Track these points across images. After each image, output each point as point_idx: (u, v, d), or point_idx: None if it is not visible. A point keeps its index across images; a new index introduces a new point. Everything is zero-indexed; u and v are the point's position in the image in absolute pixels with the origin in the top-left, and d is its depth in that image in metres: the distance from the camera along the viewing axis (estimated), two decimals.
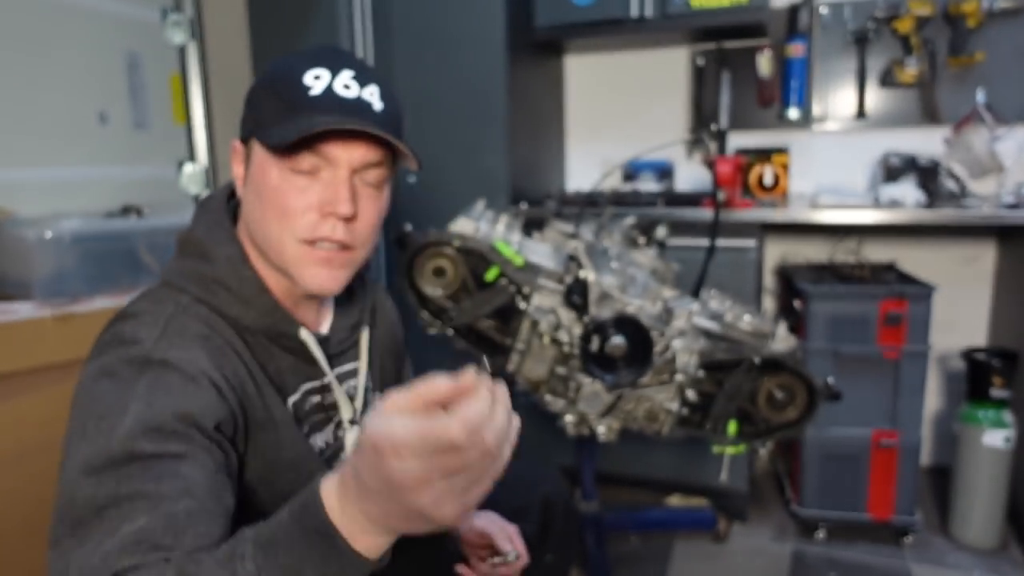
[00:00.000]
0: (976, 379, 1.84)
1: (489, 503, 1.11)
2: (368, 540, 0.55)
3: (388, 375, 1.07)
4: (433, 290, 1.31)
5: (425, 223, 1.33)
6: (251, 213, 0.82)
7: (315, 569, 0.55)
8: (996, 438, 1.81)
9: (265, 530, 0.58)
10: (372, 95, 0.80)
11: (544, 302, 1.26)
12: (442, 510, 0.50)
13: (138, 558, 0.57)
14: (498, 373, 1.32)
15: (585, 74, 2.59)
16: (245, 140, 0.83)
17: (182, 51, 2.10)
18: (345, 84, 0.78)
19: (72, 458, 0.65)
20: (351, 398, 0.93)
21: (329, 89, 0.77)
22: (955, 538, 1.94)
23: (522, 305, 1.27)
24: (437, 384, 0.50)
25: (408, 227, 1.27)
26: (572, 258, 1.26)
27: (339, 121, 0.75)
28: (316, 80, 0.77)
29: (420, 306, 1.31)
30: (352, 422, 0.92)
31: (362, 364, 0.96)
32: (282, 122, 0.76)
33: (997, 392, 1.80)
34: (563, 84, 2.61)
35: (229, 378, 0.75)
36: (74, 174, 1.83)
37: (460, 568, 1.05)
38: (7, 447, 1.40)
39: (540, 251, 1.35)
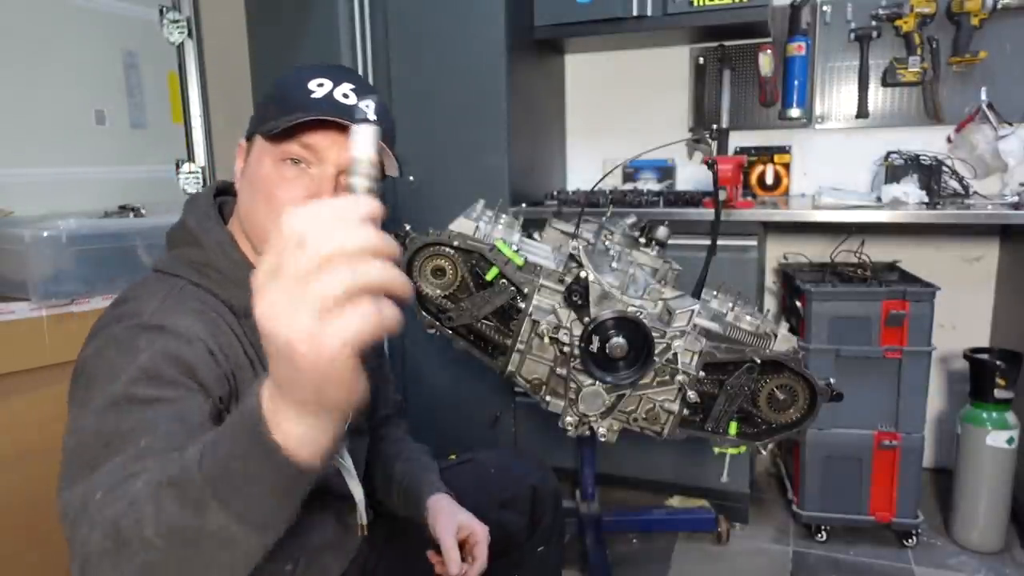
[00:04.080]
0: (979, 380, 1.83)
1: (479, 494, 1.13)
2: (289, 427, 0.48)
3: (368, 365, 1.09)
4: (433, 290, 1.30)
5: (425, 223, 1.32)
6: (243, 202, 0.88)
7: (247, 462, 0.50)
8: (999, 439, 1.80)
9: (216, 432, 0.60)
10: (368, 107, 0.85)
11: (544, 302, 1.25)
12: (317, 341, 0.41)
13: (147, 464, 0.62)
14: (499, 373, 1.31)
15: (585, 73, 2.58)
16: (249, 138, 0.90)
17: (180, 50, 2.09)
18: (344, 93, 0.85)
19: (80, 407, 0.70)
20: None
21: (329, 95, 0.84)
22: (958, 540, 1.93)
23: (522, 305, 1.26)
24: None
25: (408, 227, 1.26)
26: (572, 258, 1.25)
27: (328, 115, 0.82)
28: (319, 87, 0.84)
29: (420, 306, 1.30)
30: None
31: None
32: (280, 117, 0.83)
33: (1000, 393, 1.79)
34: (563, 83, 2.60)
35: (223, 347, 0.80)
36: (71, 174, 1.82)
37: (430, 555, 1.05)
38: (3, 447, 1.40)
39: (540, 251, 1.34)
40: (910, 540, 1.93)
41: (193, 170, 2.12)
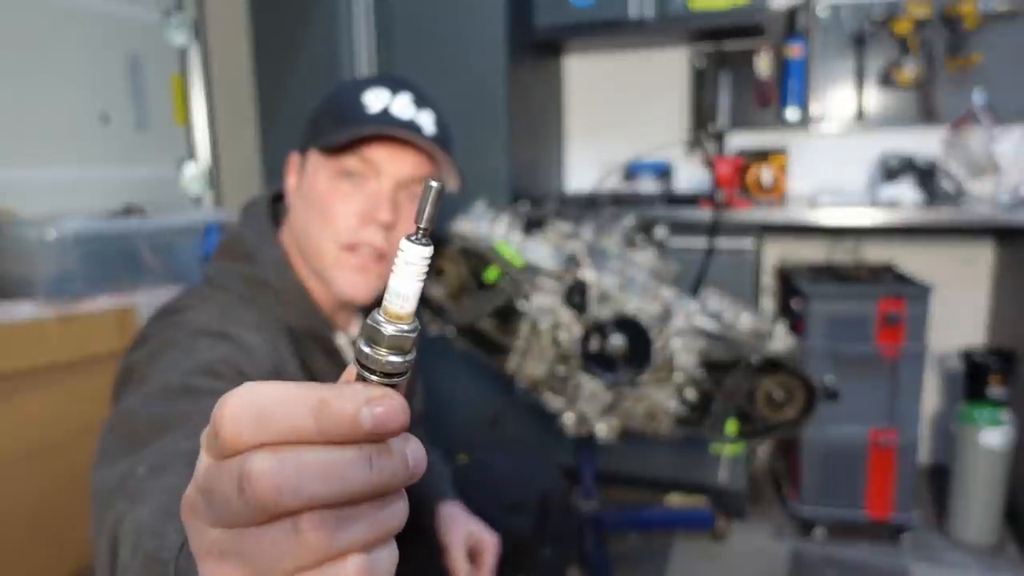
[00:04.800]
0: (974, 379, 1.85)
1: (487, 497, 1.14)
2: None
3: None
4: (433, 290, 1.32)
5: None
6: (297, 219, 0.87)
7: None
8: (993, 437, 1.82)
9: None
10: (426, 119, 0.85)
11: (544, 302, 1.27)
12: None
13: None
14: (498, 373, 1.33)
15: (585, 74, 2.60)
16: (302, 152, 0.88)
17: (183, 52, 2.11)
18: (402, 106, 0.83)
19: (131, 395, 0.66)
20: None
21: (386, 109, 0.82)
22: (953, 537, 1.95)
23: (522, 305, 1.28)
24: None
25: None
26: (572, 258, 1.27)
27: (389, 129, 0.80)
28: (375, 100, 0.83)
29: (420, 306, 1.32)
30: None
31: None
32: (336, 131, 0.82)
33: (994, 392, 1.81)
34: (563, 84, 2.62)
35: (279, 365, 0.79)
36: (76, 174, 1.83)
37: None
38: (8, 447, 1.41)
39: (540, 251, 1.36)
40: (906, 537, 1.95)
41: (196, 171, 2.14)
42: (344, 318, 0.93)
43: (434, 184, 0.28)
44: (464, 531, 1.03)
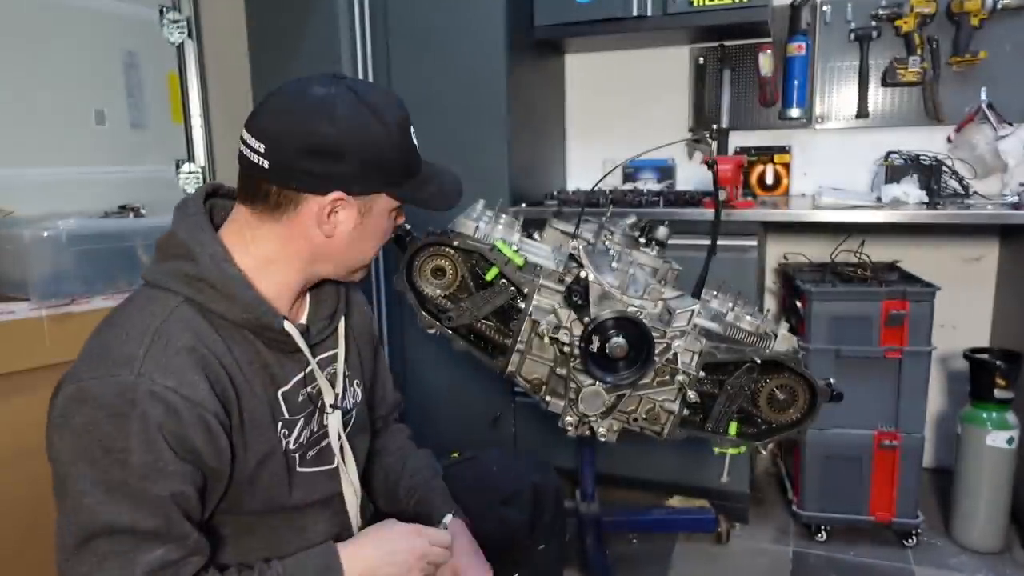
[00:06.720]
0: (979, 380, 1.83)
1: (481, 491, 1.13)
2: None
3: (366, 362, 1.10)
4: (433, 290, 1.30)
5: (425, 223, 1.32)
6: (346, 250, 0.91)
7: None
8: (999, 439, 1.80)
9: (292, 566, 0.84)
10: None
11: (544, 302, 1.25)
12: None
13: None
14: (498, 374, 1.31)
15: (585, 73, 2.58)
16: (363, 193, 0.89)
17: (180, 50, 2.10)
18: (414, 135, 0.93)
19: (83, 479, 0.74)
20: (332, 384, 0.97)
21: (416, 144, 0.93)
22: (957, 540, 1.93)
23: (522, 305, 1.26)
24: None
25: (408, 227, 1.26)
26: (572, 258, 1.25)
27: (445, 183, 0.98)
28: (414, 136, 0.93)
29: (420, 306, 1.30)
30: (333, 406, 0.96)
31: (340, 350, 1.01)
32: (417, 183, 0.93)
33: (1000, 393, 1.79)
34: (563, 83, 2.60)
35: (213, 385, 0.80)
36: (71, 173, 1.82)
37: None
38: (5, 446, 1.40)
39: (540, 251, 1.34)
40: (910, 540, 1.93)
41: (193, 170, 2.13)
42: (297, 307, 0.95)
43: None
44: (449, 570, 0.99)
